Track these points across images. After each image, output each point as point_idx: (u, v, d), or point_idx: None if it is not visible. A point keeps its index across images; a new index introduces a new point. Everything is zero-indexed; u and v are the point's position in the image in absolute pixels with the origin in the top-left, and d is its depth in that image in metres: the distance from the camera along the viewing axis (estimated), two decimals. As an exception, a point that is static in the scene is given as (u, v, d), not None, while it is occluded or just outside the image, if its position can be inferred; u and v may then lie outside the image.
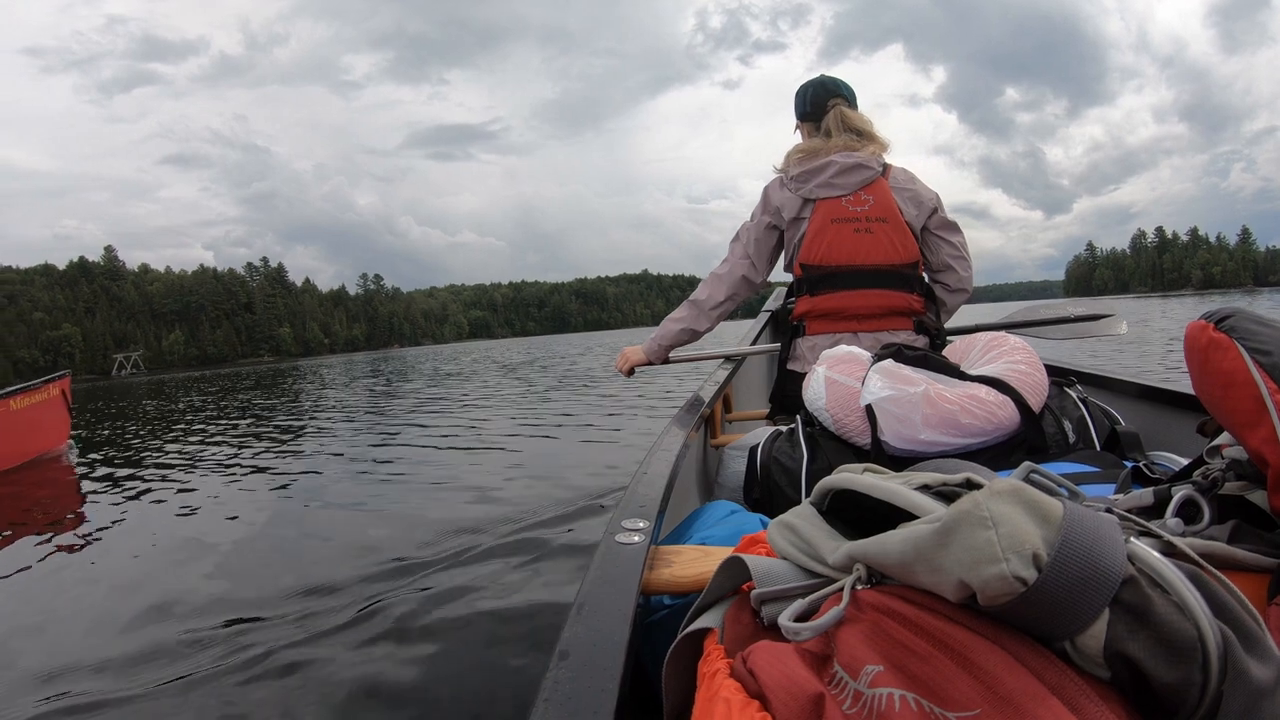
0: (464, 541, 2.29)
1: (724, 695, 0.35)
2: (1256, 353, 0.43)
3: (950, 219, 1.60)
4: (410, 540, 2.40)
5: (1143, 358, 6.81)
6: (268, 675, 1.49)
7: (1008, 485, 0.31)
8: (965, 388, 0.94)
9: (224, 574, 2.24)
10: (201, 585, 2.12)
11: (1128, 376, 1.38)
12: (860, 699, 0.31)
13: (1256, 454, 0.43)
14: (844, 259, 1.51)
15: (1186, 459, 0.62)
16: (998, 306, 3.88)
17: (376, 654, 1.54)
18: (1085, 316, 1.87)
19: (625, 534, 0.66)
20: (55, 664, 1.66)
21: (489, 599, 1.77)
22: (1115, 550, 0.29)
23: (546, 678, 0.43)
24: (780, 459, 1.03)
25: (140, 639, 1.76)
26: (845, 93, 1.64)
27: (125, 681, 1.53)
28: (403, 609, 1.76)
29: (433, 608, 1.76)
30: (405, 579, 1.98)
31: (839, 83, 1.66)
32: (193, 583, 2.15)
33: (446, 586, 1.89)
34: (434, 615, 1.71)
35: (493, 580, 1.89)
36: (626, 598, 0.53)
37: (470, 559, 2.10)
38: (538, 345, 36.98)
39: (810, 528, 0.43)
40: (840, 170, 1.53)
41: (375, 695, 1.38)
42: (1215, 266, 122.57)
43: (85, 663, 1.64)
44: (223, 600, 1.98)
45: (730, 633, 0.42)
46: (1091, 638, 0.28)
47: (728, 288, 1.64)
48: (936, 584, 0.31)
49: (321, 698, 1.38)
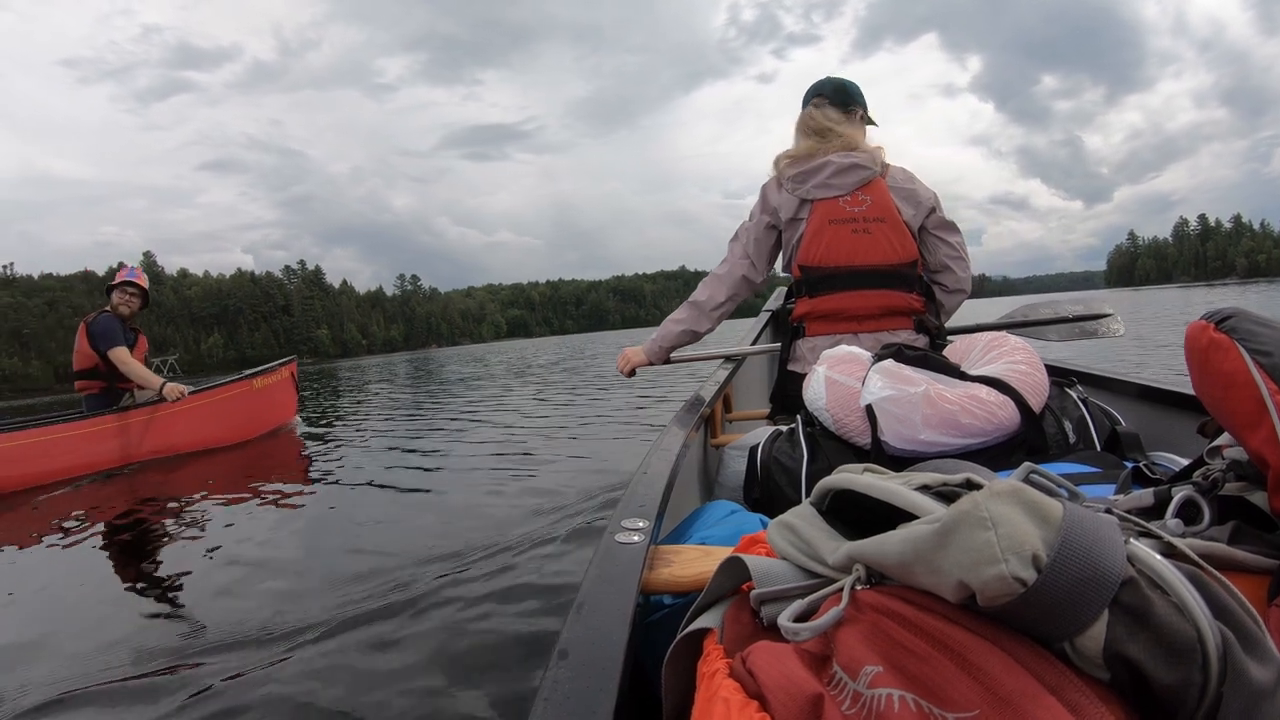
0: (463, 541, 2.29)
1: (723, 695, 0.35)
2: (1257, 353, 0.43)
3: (948, 219, 1.59)
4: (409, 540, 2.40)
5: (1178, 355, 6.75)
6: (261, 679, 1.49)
7: (1007, 486, 0.31)
8: (965, 388, 0.94)
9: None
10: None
11: (1128, 377, 1.38)
12: (859, 699, 0.30)
13: (1257, 455, 0.43)
14: (842, 260, 1.50)
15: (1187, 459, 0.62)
16: (1021, 301, 3.82)
17: (374, 654, 1.54)
18: (1084, 316, 1.86)
19: (625, 533, 0.66)
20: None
21: (488, 599, 1.78)
22: (1115, 551, 0.29)
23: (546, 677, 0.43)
24: (780, 459, 1.03)
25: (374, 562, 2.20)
26: (827, 91, 1.64)
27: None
28: (402, 609, 1.77)
29: (431, 607, 1.76)
30: (404, 579, 1.98)
31: (825, 82, 1.67)
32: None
33: (445, 586, 1.89)
34: (433, 615, 1.71)
35: (492, 580, 1.89)
36: (626, 597, 0.53)
37: (469, 559, 2.10)
38: (571, 344, 37.32)
39: (810, 528, 0.43)
40: (837, 170, 1.53)
41: (373, 695, 1.38)
42: (1260, 254, 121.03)
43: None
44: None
45: (730, 633, 0.42)
46: (1091, 639, 0.28)
47: (728, 288, 1.64)
48: (936, 584, 0.31)
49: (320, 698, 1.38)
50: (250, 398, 5.46)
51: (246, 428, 5.40)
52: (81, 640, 1.79)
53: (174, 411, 4.81)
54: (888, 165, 1.58)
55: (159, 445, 4.76)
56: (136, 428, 4.67)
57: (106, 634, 1.81)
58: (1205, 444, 0.53)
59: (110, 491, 3.94)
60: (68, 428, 4.44)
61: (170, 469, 4.48)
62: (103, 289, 4.89)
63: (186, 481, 4.10)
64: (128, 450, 4.62)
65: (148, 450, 4.71)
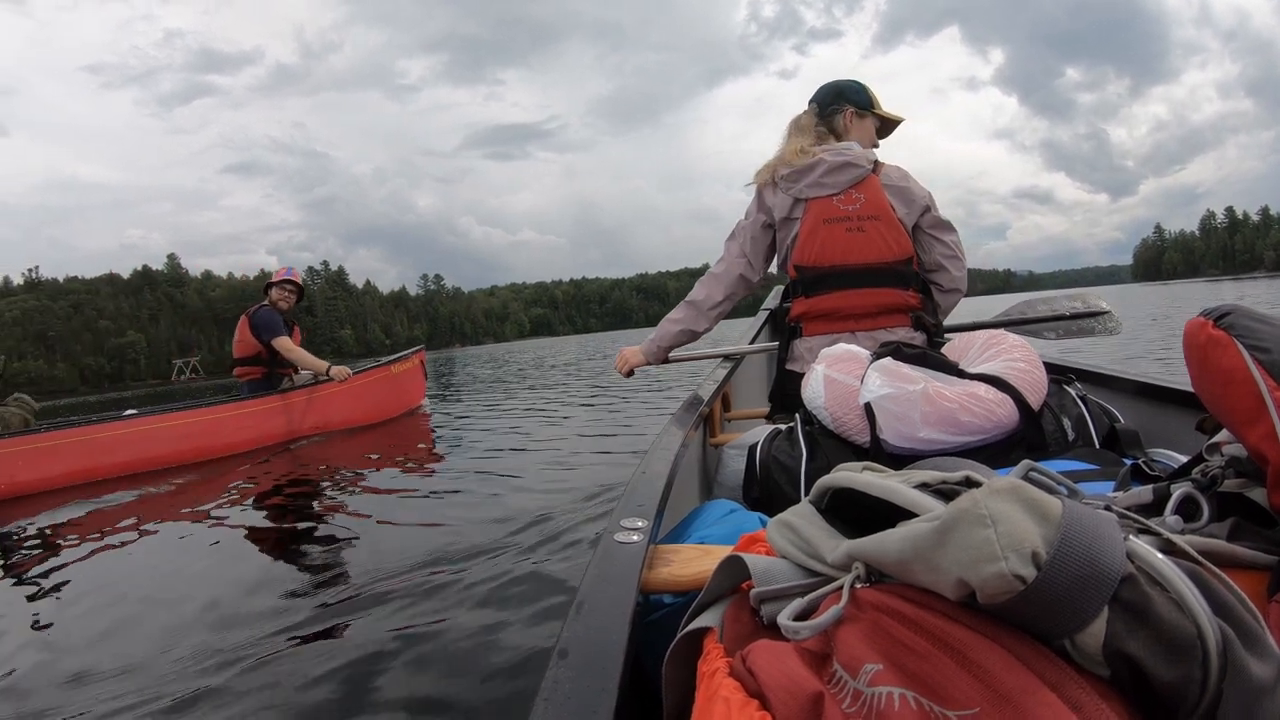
0: (462, 542, 2.28)
1: (723, 694, 0.35)
2: (1255, 350, 0.43)
3: (943, 218, 1.59)
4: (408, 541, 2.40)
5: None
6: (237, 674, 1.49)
7: (1006, 483, 0.31)
8: (964, 386, 0.94)
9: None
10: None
11: (1126, 374, 1.38)
12: (860, 698, 0.30)
13: (1256, 451, 0.43)
14: (837, 259, 1.50)
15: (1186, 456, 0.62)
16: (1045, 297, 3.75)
17: (373, 653, 1.54)
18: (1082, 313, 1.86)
19: (624, 533, 0.66)
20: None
21: (487, 599, 1.77)
22: (1114, 548, 0.29)
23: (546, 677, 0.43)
24: (779, 458, 1.03)
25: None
26: (819, 96, 1.68)
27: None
28: (401, 609, 1.76)
29: (431, 607, 1.76)
30: (402, 579, 1.98)
31: (824, 87, 1.69)
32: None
33: (444, 586, 1.88)
34: (432, 615, 1.71)
35: (491, 580, 1.89)
36: (626, 597, 0.53)
37: (468, 559, 2.10)
38: (593, 343, 37.89)
39: (809, 526, 0.43)
40: (829, 169, 1.53)
41: (371, 695, 1.38)
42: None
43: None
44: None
45: (730, 632, 0.42)
46: (1091, 636, 0.28)
47: (725, 287, 1.64)
48: (935, 582, 0.31)
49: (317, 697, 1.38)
50: (389, 382, 6.01)
51: (387, 408, 5.98)
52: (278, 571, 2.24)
53: (329, 393, 5.37)
54: (880, 163, 1.58)
55: (317, 422, 5.32)
56: (298, 407, 5.24)
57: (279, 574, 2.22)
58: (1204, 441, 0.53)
59: (287, 461, 4.47)
60: (240, 405, 5.01)
61: (330, 445, 5.00)
62: (128, 292, 5.48)
63: (346, 454, 4.58)
64: (292, 427, 5.18)
65: (308, 427, 5.26)
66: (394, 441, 5.09)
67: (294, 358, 5.18)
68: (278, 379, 5.31)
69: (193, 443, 4.72)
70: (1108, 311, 1.87)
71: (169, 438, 4.67)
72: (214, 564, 2.42)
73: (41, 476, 4.19)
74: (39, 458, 4.23)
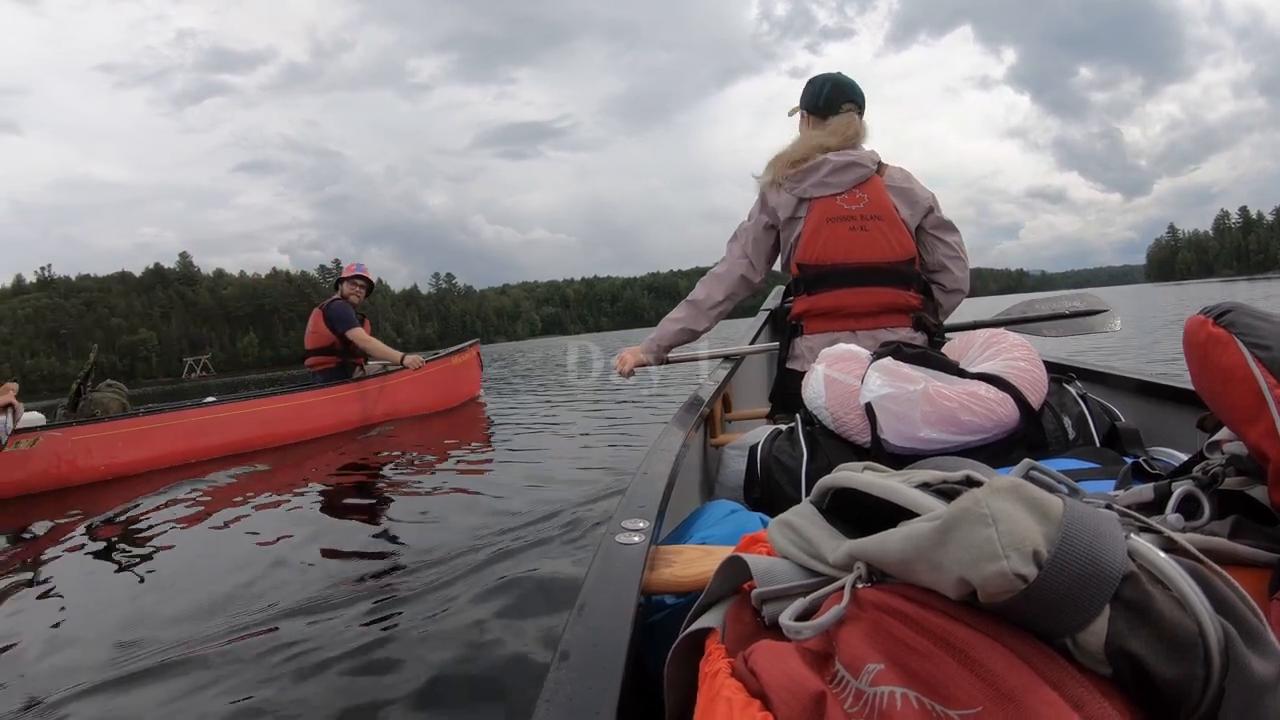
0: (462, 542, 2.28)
1: (725, 695, 0.36)
2: (1256, 347, 0.43)
3: (946, 219, 1.59)
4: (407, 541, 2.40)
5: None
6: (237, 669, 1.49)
7: (1007, 482, 0.31)
8: (965, 385, 0.94)
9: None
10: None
11: (1126, 372, 1.38)
12: (862, 697, 0.30)
13: (1256, 449, 0.43)
14: (840, 257, 1.51)
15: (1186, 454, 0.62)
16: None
17: (372, 654, 1.54)
18: (1082, 312, 1.87)
19: (625, 534, 0.66)
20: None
21: (487, 600, 1.77)
22: (1115, 546, 0.29)
23: (548, 678, 0.43)
24: (780, 458, 1.03)
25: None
26: (858, 99, 1.65)
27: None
28: (401, 610, 1.76)
29: (430, 609, 1.75)
30: (402, 580, 1.98)
31: (854, 86, 1.67)
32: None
33: (444, 587, 1.88)
34: (432, 616, 1.71)
35: (491, 581, 1.89)
36: (627, 598, 0.53)
37: (468, 559, 2.09)
38: (604, 341, 38.26)
39: (810, 526, 0.43)
40: (834, 169, 1.53)
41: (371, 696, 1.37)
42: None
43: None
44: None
45: (731, 632, 0.42)
46: (1092, 634, 0.28)
47: (726, 287, 1.64)
48: (937, 582, 0.31)
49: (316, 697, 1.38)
50: (450, 373, 6.36)
51: (449, 398, 6.34)
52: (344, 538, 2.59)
53: (398, 382, 5.70)
54: (884, 164, 1.58)
55: (389, 410, 5.64)
56: (371, 395, 5.58)
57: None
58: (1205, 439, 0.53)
59: (365, 446, 4.78)
60: (321, 393, 5.32)
61: (403, 430, 5.32)
62: (140, 290, 5.70)
63: (419, 438, 4.94)
64: (366, 413, 5.50)
65: (380, 414, 5.58)
66: (454, 430, 5.42)
67: (368, 347, 5.50)
68: (350, 368, 5.61)
69: (278, 427, 5.00)
70: (1108, 310, 1.87)
71: (255, 422, 4.94)
72: (279, 548, 2.53)
73: (139, 458, 4.42)
74: (136, 440, 4.47)
